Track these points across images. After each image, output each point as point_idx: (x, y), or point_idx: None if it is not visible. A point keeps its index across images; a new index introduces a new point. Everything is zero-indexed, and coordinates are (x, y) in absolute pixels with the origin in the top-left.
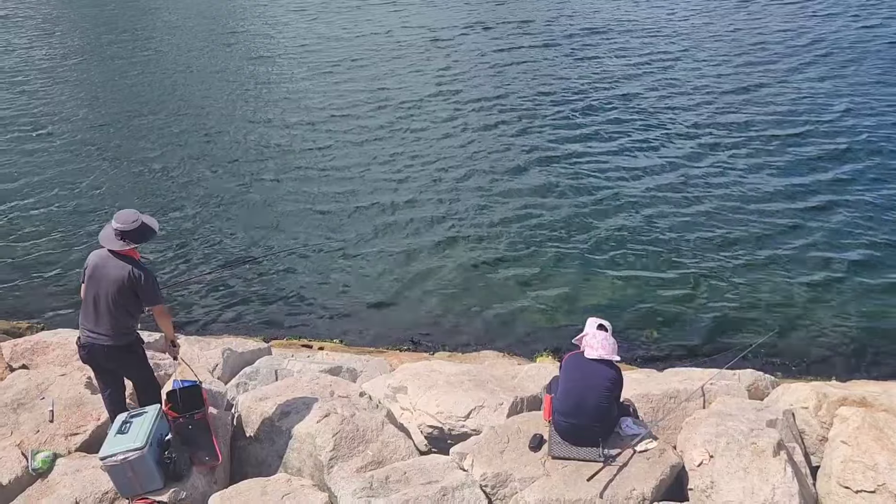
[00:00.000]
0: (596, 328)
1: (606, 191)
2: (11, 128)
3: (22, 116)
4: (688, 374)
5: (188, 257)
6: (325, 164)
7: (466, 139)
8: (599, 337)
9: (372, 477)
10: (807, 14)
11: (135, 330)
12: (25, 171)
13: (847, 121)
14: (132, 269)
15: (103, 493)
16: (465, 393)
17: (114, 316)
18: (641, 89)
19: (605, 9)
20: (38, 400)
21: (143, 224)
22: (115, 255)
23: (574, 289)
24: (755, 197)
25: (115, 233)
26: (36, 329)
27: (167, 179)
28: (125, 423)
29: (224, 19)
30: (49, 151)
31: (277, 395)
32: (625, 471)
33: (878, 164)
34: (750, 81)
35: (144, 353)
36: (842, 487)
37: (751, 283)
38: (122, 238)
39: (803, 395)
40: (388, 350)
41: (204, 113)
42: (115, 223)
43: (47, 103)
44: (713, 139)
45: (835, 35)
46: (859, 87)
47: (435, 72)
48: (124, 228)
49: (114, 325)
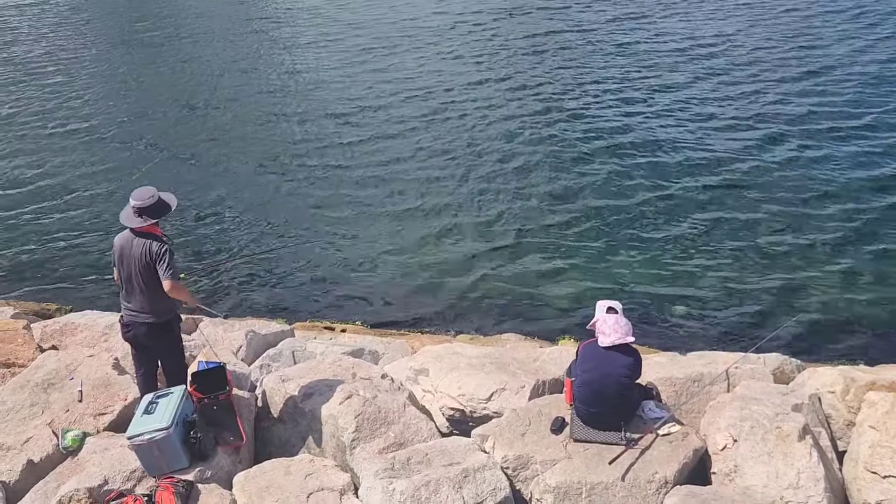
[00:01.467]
0: (605, 311)
1: (633, 174)
2: (45, 114)
3: (56, 104)
4: (712, 358)
5: (216, 241)
6: (352, 151)
7: (495, 125)
8: (610, 321)
9: (394, 458)
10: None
11: (175, 308)
12: (53, 157)
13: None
14: (152, 243)
15: (131, 472)
16: (487, 375)
17: (147, 294)
18: (681, 77)
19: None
20: (68, 380)
21: (161, 200)
22: (136, 233)
23: (597, 272)
24: (783, 182)
25: (134, 210)
26: (64, 311)
27: (198, 166)
28: (151, 404)
29: (252, 5)
30: (78, 138)
31: (300, 376)
32: (647, 454)
33: None
34: (796, 70)
35: (180, 333)
36: (869, 472)
37: (777, 267)
38: (140, 215)
39: (830, 379)
40: (409, 332)
41: (232, 100)
42: (132, 201)
43: (80, 92)
44: (748, 125)
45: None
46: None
47: (465, 60)
48: (142, 205)
49: (151, 302)
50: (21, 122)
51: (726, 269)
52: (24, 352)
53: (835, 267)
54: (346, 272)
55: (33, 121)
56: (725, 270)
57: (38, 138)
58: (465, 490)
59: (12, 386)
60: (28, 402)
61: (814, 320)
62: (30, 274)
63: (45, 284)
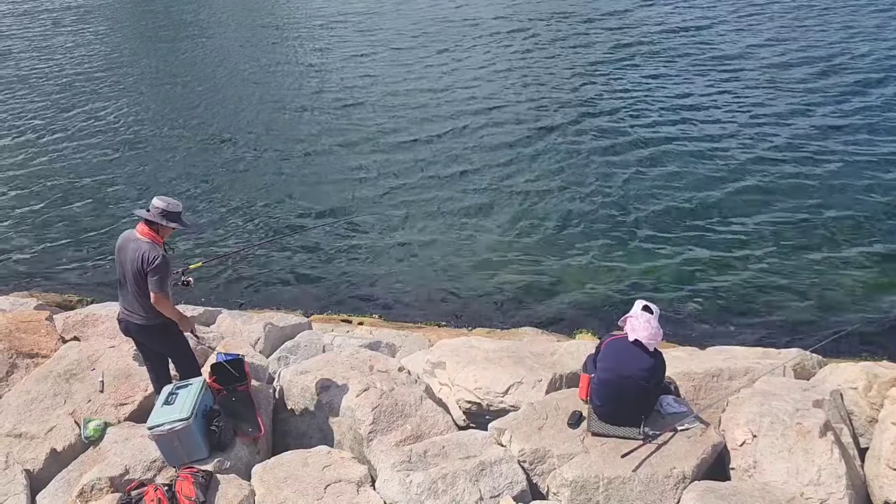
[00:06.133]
0: (640, 309)
1: (655, 171)
2: (68, 112)
3: (80, 100)
4: (731, 353)
5: (232, 231)
6: (370, 146)
7: (509, 121)
8: (642, 319)
9: (411, 451)
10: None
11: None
12: (80, 153)
13: None
14: (147, 250)
15: (151, 462)
16: (504, 369)
17: (140, 297)
18: (715, 75)
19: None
20: (90, 371)
21: (181, 213)
22: (138, 234)
23: (615, 265)
24: (803, 179)
25: (156, 209)
26: (86, 302)
27: (214, 157)
28: (171, 395)
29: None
30: (103, 132)
31: (318, 369)
32: (665, 449)
33: None
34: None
35: (180, 331)
36: (891, 469)
37: (798, 262)
38: (161, 214)
39: (852, 375)
40: (426, 325)
41: (254, 93)
42: (157, 201)
43: (104, 88)
44: (771, 124)
45: None
46: None
47: (479, 60)
48: (165, 208)
49: (143, 305)
50: (47, 116)
51: (747, 265)
52: (46, 343)
53: (857, 263)
54: (363, 265)
55: (61, 117)
56: (746, 266)
57: (66, 133)
58: (482, 483)
59: (35, 376)
60: (51, 393)
61: (835, 316)
62: (52, 266)
63: (68, 276)
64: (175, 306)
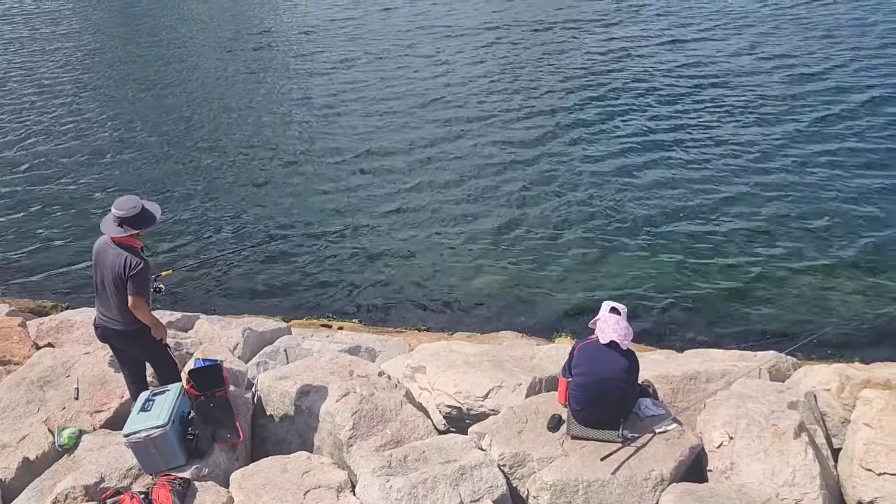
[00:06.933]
0: (608, 311)
1: (633, 174)
2: (44, 117)
3: (57, 106)
4: (708, 356)
5: (212, 236)
6: (349, 150)
7: (497, 127)
8: (611, 321)
9: (391, 456)
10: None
11: None
12: (56, 156)
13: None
14: (127, 257)
15: (127, 469)
16: (484, 373)
17: (118, 303)
18: (695, 82)
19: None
20: (64, 378)
21: (144, 210)
22: (115, 242)
23: (594, 270)
24: (780, 183)
25: (115, 219)
26: (61, 308)
27: (197, 162)
28: (148, 401)
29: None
30: (81, 137)
31: (297, 374)
32: (644, 451)
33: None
34: (799, 70)
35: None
36: (864, 470)
37: (773, 268)
38: (121, 224)
39: (826, 377)
40: (406, 330)
41: (236, 99)
42: (114, 209)
43: (82, 93)
44: (757, 130)
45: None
46: None
47: (470, 62)
48: (124, 215)
49: (122, 311)
50: (22, 121)
51: (723, 270)
52: (19, 349)
53: (830, 268)
54: (343, 270)
55: (37, 122)
56: (722, 271)
57: (42, 138)
58: (462, 487)
59: (8, 384)
60: (24, 400)
61: (809, 318)
62: (26, 271)
63: (42, 282)
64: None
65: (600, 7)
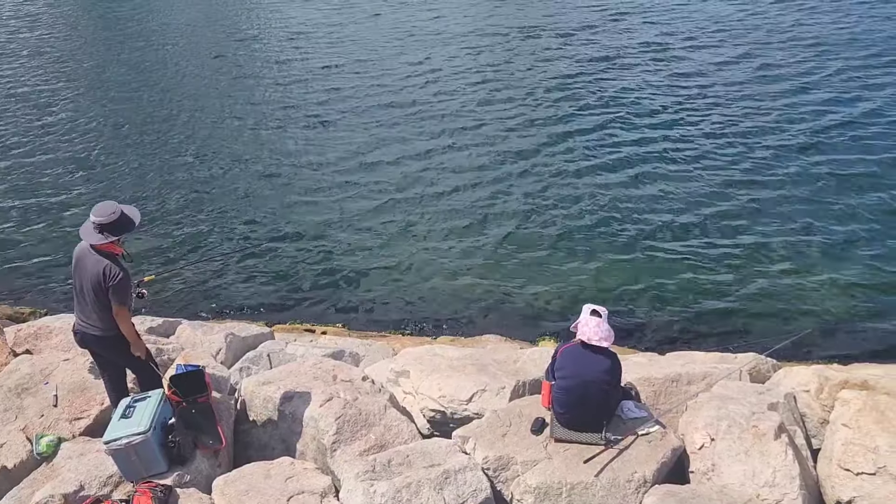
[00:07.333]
0: (589, 314)
1: (616, 181)
2: (22, 123)
3: (26, 105)
4: (690, 358)
5: (194, 242)
6: (336, 157)
7: (483, 134)
8: (592, 323)
9: (375, 460)
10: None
11: None
12: (35, 162)
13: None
14: (108, 265)
15: (108, 477)
16: (468, 377)
17: (98, 309)
18: (681, 91)
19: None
20: (42, 385)
21: (123, 215)
22: (94, 249)
23: (577, 274)
24: (760, 185)
25: (94, 226)
26: (39, 314)
27: (179, 169)
28: (129, 408)
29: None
30: (60, 143)
31: (280, 379)
32: (626, 454)
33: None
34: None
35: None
36: (842, 470)
37: (753, 271)
38: (101, 231)
39: (805, 378)
40: (390, 334)
41: (220, 106)
42: (93, 216)
43: (61, 100)
44: (739, 137)
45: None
46: None
47: (467, 72)
48: (102, 221)
49: (102, 317)
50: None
51: (704, 272)
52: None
53: (809, 271)
54: (326, 274)
55: (14, 128)
56: (703, 273)
57: (19, 142)
58: (446, 491)
59: None
60: (1, 408)
61: (788, 321)
62: (2, 278)
63: (20, 288)
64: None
65: (586, 15)
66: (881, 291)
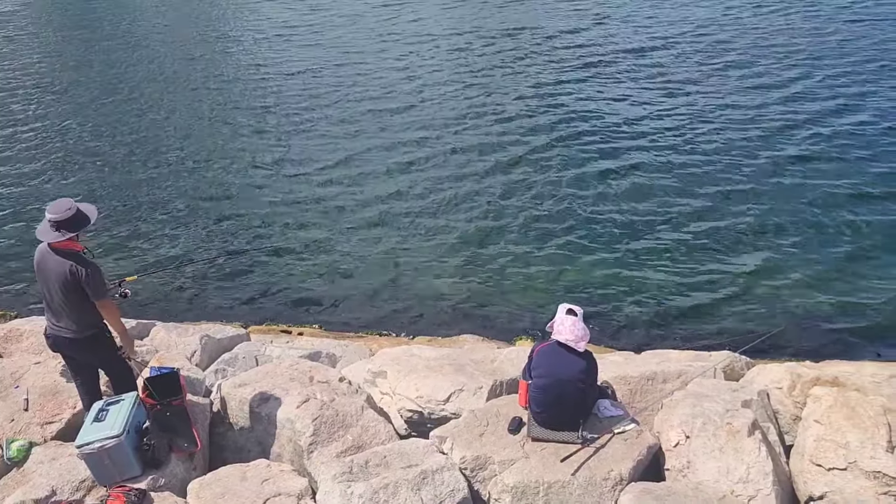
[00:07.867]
0: (565, 313)
1: (593, 180)
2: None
3: (9, 113)
4: (665, 356)
5: (170, 244)
6: (307, 155)
7: (463, 134)
8: (568, 323)
9: (352, 461)
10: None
11: (99, 322)
12: (6, 162)
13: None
14: (73, 264)
15: (80, 482)
16: (445, 377)
17: (69, 311)
18: (665, 93)
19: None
20: (13, 388)
21: (78, 212)
22: (55, 250)
23: (553, 273)
24: (736, 182)
25: (50, 224)
26: (9, 317)
27: (155, 170)
28: (102, 411)
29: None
30: (33, 142)
31: (256, 381)
32: (602, 452)
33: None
34: (754, 69)
35: (113, 343)
36: (814, 465)
37: (726, 270)
38: (58, 228)
39: (777, 375)
40: (367, 335)
41: (199, 107)
42: (48, 214)
43: (35, 99)
44: (720, 137)
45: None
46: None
47: (450, 73)
48: (58, 218)
49: (73, 319)
50: None
51: (678, 270)
52: None
53: (782, 269)
54: (302, 275)
55: None
56: (677, 271)
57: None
58: (424, 492)
59: None
60: None
61: (762, 319)
62: None
63: None
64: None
65: (568, 15)
66: (851, 290)
